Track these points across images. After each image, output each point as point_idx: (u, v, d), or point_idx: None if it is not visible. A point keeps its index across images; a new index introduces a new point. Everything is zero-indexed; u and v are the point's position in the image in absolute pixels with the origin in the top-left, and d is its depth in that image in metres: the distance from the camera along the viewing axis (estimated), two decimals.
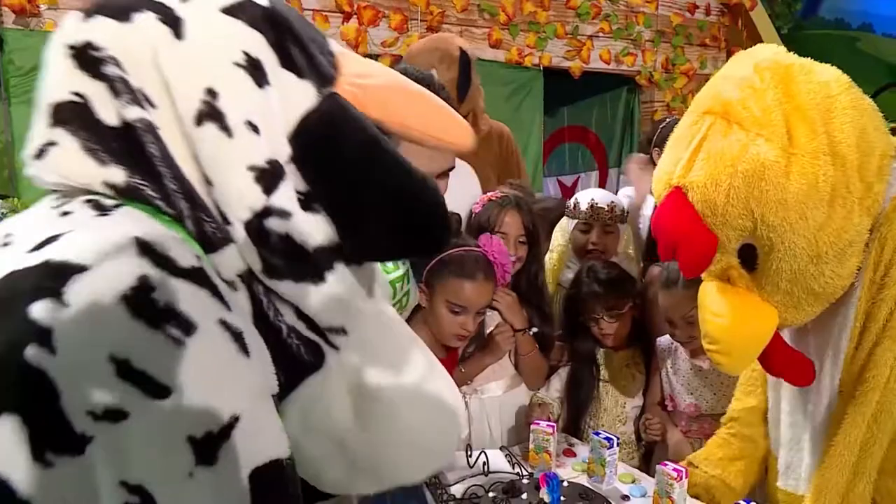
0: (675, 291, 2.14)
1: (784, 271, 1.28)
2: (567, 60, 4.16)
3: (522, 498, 1.54)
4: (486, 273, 1.93)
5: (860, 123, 1.28)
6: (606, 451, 1.89)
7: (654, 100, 4.54)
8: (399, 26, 3.59)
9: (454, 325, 1.92)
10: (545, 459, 1.95)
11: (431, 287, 1.92)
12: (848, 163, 1.24)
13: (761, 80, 1.27)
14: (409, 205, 0.83)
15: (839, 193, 1.24)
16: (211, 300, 0.67)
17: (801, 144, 1.22)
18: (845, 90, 1.29)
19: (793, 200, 1.21)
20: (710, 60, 4.70)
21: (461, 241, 2.00)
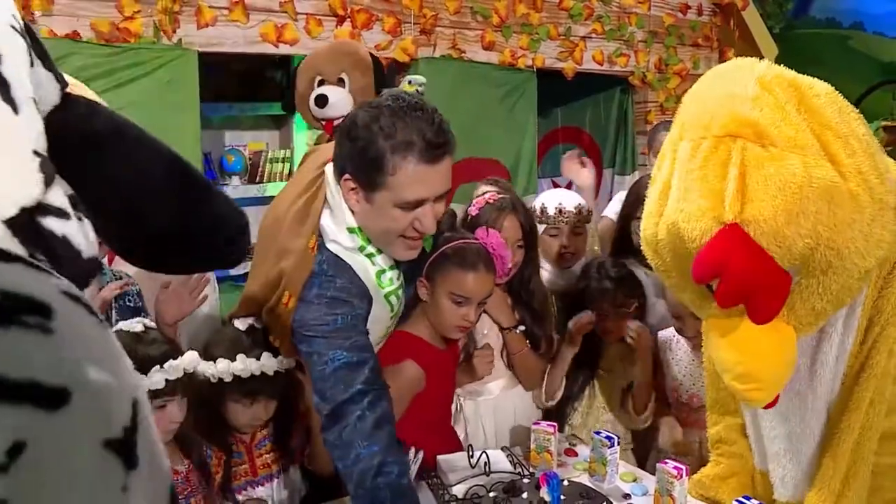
0: None
1: (829, 291, 1.23)
2: (560, 62, 4.19)
3: (523, 497, 1.58)
4: (487, 264, 1.97)
5: (866, 132, 1.29)
6: (608, 451, 1.93)
7: (648, 100, 4.58)
8: (392, 29, 3.61)
9: (456, 317, 1.96)
10: (546, 459, 1.99)
11: (433, 280, 1.96)
12: (880, 175, 1.23)
13: (777, 97, 1.23)
14: (185, 206, 0.74)
15: (884, 206, 1.22)
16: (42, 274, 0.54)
17: (845, 162, 1.19)
18: (845, 102, 1.31)
19: (857, 219, 1.18)
20: (703, 60, 4.74)
21: (459, 234, 2.03)
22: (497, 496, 1.57)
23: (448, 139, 1.62)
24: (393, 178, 1.58)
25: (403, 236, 1.69)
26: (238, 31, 3.24)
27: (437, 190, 1.63)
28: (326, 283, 1.69)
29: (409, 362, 1.95)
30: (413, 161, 1.56)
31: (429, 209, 1.64)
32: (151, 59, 3.02)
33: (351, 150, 1.62)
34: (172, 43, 3.08)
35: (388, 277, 1.79)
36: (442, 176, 1.62)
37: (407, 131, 1.55)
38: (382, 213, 1.64)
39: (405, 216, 1.64)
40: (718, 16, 4.74)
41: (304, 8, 3.35)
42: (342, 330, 1.65)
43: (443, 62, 3.80)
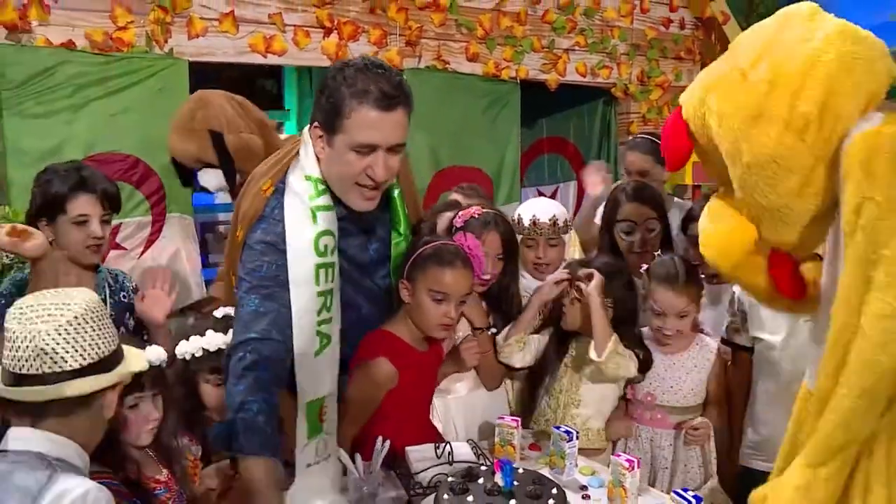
0: (676, 287, 2.36)
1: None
2: (543, 73, 4.34)
3: (479, 482, 1.70)
4: (465, 262, 2.11)
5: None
6: (566, 444, 2.06)
7: (630, 111, 4.73)
8: (378, 41, 3.76)
9: (438, 314, 2.09)
10: (510, 452, 2.12)
11: (413, 280, 2.09)
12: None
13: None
14: None
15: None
16: None
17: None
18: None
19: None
20: (686, 73, 4.89)
21: (437, 237, 2.18)
22: (454, 481, 1.70)
23: (403, 94, 1.79)
24: (349, 122, 1.76)
25: (359, 184, 1.85)
26: (228, 41, 3.38)
27: (389, 138, 1.79)
28: (269, 229, 1.88)
29: (381, 359, 2.08)
30: (367, 107, 1.74)
31: (380, 157, 1.80)
32: (143, 68, 3.17)
33: (319, 99, 1.83)
34: (164, 52, 3.22)
35: (325, 244, 1.89)
36: (394, 125, 1.78)
37: (366, 82, 1.75)
38: (340, 157, 1.82)
39: (360, 161, 1.80)
40: (700, 29, 4.89)
41: (292, 20, 3.49)
42: (264, 279, 1.83)
43: (427, 73, 3.95)
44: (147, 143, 3.20)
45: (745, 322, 2.47)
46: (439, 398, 2.39)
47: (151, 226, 3.28)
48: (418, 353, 2.16)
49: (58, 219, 2.17)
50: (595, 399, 2.40)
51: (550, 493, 1.67)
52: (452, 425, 2.39)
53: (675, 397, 2.42)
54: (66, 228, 2.17)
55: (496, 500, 1.62)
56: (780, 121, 1.40)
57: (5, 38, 2.91)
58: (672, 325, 2.40)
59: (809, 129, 1.40)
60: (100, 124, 3.09)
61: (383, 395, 2.10)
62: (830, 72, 1.39)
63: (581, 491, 2.00)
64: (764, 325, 2.44)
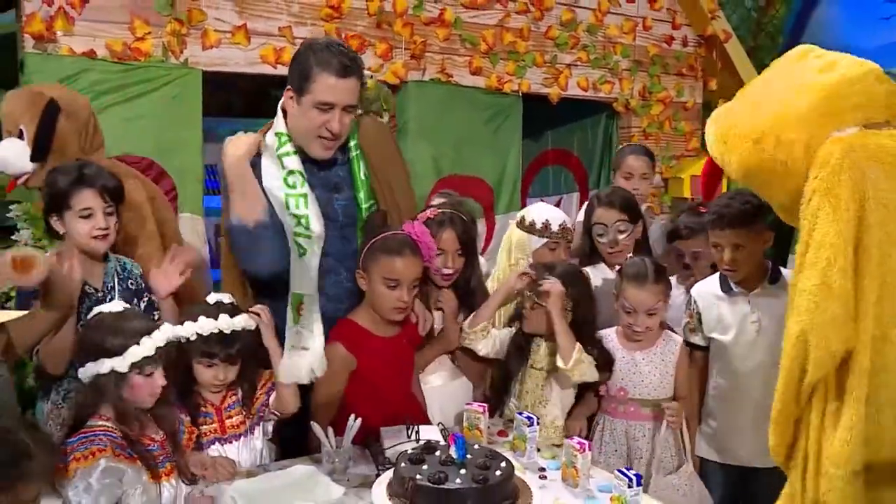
0: (646, 286, 2.54)
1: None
2: (545, 87, 4.52)
3: (436, 455, 1.88)
4: (413, 249, 2.33)
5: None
6: (527, 429, 2.23)
7: (632, 125, 4.89)
8: (384, 54, 3.97)
9: (391, 299, 2.31)
10: (476, 436, 2.29)
11: (368, 269, 2.32)
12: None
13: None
14: None
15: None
16: None
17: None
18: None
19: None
20: (687, 89, 5.05)
21: (386, 229, 2.39)
22: (413, 453, 1.88)
23: (356, 66, 2.31)
24: (314, 85, 2.26)
25: (319, 136, 2.31)
26: (240, 52, 3.62)
27: (344, 99, 2.28)
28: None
29: (335, 344, 2.31)
30: (328, 74, 2.24)
31: (337, 114, 2.28)
32: (159, 77, 3.41)
33: (292, 67, 2.34)
34: (179, 62, 3.47)
35: (293, 181, 2.32)
36: (348, 90, 2.28)
37: (329, 55, 2.26)
38: (305, 113, 2.30)
39: (320, 117, 2.28)
40: (703, 47, 5.04)
41: (300, 33, 3.71)
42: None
43: (431, 85, 4.15)
44: (161, 146, 3.43)
45: (700, 323, 2.64)
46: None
47: None
48: (380, 339, 2.36)
49: (65, 213, 2.36)
50: (559, 398, 2.56)
51: (499, 465, 1.84)
52: (429, 413, 2.58)
53: (646, 390, 2.59)
54: (73, 222, 2.35)
55: (448, 469, 1.80)
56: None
57: (32, 47, 3.17)
58: (642, 323, 2.57)
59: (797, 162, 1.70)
60: (117, 128, 3.30)
61: (344, 377, 2.30)
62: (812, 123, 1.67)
63: (539, 472, 2.17)
64: (715, 326, 2.61)
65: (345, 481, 2.03)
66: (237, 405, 2.27)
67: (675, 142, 5.00)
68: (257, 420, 2.29)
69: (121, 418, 1.91)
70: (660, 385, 2.59)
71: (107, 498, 1.79)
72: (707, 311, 2.64)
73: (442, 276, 2.60)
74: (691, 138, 5.06)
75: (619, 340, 2.66)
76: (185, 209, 3.53)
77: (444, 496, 1.72)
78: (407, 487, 1.74)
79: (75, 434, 1.87)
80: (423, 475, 1.77)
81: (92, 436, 1.85)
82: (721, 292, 2.63)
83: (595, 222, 2.95)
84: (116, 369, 1.88)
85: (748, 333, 2.55)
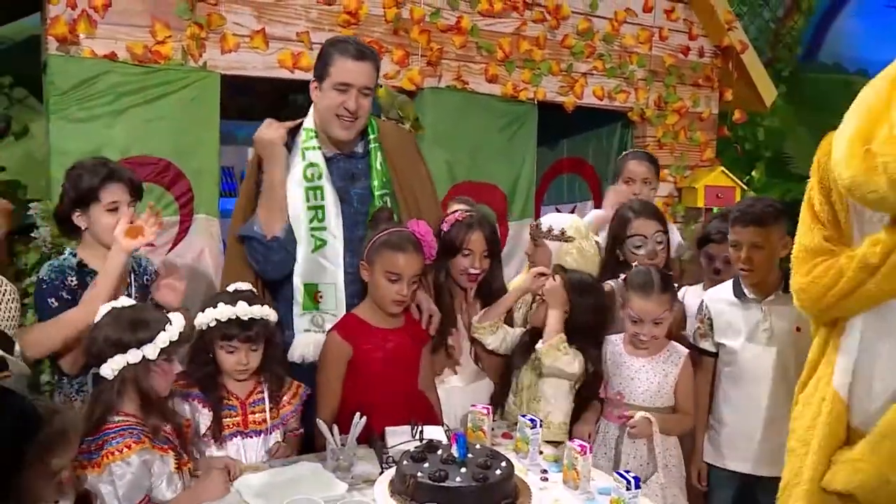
0: (652, 296, 2.57)
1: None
2: (561, 95, 4.56)
3: (437, 453, 1.92)
4: (415, 246, 2.43)
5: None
6: (530, 431, 2.26)
7: (647, 135, 4.91)
8: (401, 60, 4.03)
9: (392, 292, 2.40)
10: (480, 437, 2.33)
11: (372, 262, 2.40)
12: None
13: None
14: None
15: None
16: None
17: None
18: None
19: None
20: (703, 99, 5.06)
21: (392, 225, 2.50)
22: (415, 451, 1.92)
23: (371, 53, 2.59)
24: (333, 68, 2.52)
25: (338, 116, 2.53)
26: (258, 56, 3.69)
27: (360, 80, 2.52)
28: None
29: (331, 333, 2.43)
30: (344, 58, 2.51)
31: (353, 94, 2.51)
32: (178, 79, 3.49)
33: (317, 63, 2.60)
34: (198, 65, 3.54)
35: (311, 173, 2.58)
36: (364, 72, 2.53)
37: (345, 44, 2.56)
38: (325, 95, 2.54)
39: (339, 96, 2.52)
40: (719, 58, 5.06)
41: (318, 38, 3.77)
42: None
43: (447, 92, 4.21)
44: (179, 148, 3.51)
45: (711, 328, 2.66)
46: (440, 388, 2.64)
47: (179, 225, 3.57)
48: (380, 330, 2.43)
49: (91, 208, 2.45)
50: (552, 394, 2.60)
51: (499, 465, 1.88)
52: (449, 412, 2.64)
53: (643, 397, 2.61)
54: (98, 216, 2.45)
55: (449, 468, 1.84)
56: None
57: (56, 49, 3.26)
58: (648, 332, 2.59)
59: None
60: (136, 129, 3.41)
61: (341, 365, 2.38)
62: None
63: (542, 474, 2.20)
64: (726, 331, 2.63)
65: (349, 478, 2.07)
66: (262, 402, 2.33)
67: (689, 152, 5.02)
68: (279, 423, 2.35)
69: (146, 408, 1.97)
70: (657, 394, 2.61)
71: (140, 489, 1.86)
72: (719, 316, 2.66)
73: (468, 277, 2.69)
74: (706, 148, 5.08)
75: (624, 346, 2.69)
76: (200, 210, 3.61)
77: (444, 494, 1.76)
78: (408, 485, 1.78)
79: (100, 430, 1.90)
80: (423, 473, 1.81)
81: (123, 430, 1.91)
82: (734, 298, 2.66)
83: (632, 234, 2.95)
84: (147, 356, 1.95)
85: (759, 340, 2.57)
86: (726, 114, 5.14)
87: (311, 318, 2.59)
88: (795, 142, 5.93)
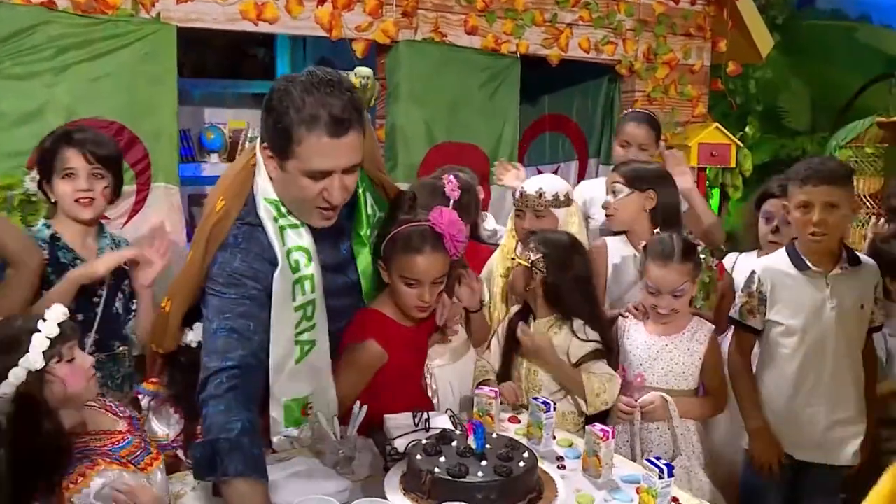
0: (671, 266, 2.48)
1: None
2: (545, 48, 4.44)
3: (452, 445, 1.83)
4: (434, 245, 2.19)
5: None
6: (543, 415, 2.18)
7: (636, 90, 4.82)
8: (373, 11, 3.86)
9: (412, 298, 2.21)
10: (488, 422, 2.24)
11: (388, 263, 2.22)
12: None
13: None
14: None
15: None
16: None
17: None
18: None
19: None
20: (695, 50, 4.98)
21: (412, 216, 2.28)
22: (428, 443, 1.82)
23: (355, 114, 1.85)
24: (300, 149, 1.83)
25: (317, 206, 1.94)
26: (217, 7, 3.50)
27: (343, 163, 1.87)
28: (229, 259, 1.97)
29: (370, 342, 2.21)
30: (318, 134, 1.80)
31: (336, 181, 1.88)
32: (129, 32, 3.29)
33: (267, 120, 1.89)
34: (151, 17, 3.34)
35: (296, 259, 2.00)
36: (347, 150, 1.86)
37: (315, 106, 1.80)
38: (294, 182, 1.90)
39: (314, 185, 1.89)
40: (712, 5, 4.97)
41: None
42: (231, 306, 1.93)
43: (424, 45, 4.06)
44: (132, 109, 3.32)
45: (763, 304, 2.57)
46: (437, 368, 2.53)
47: (136, 195, 3.39)
48: (406, 329, 2.28)
49: (53, 177, 2.40)
50: (553, 382, 2.54)
51: (522, 456, 1.79)
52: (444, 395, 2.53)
53: (666, 379, 2.53)
54: (57, 183, 2.39)
55: (468, 461, 1.74)
56: None
57: None
58: (667, 304, 2.51)
59: None
60: (82, 88, 3.20)
61: (372, 373, 2.24)
62: None
63: (557, 461, 2.13)
64: (785, 307, 2.53)
65: (350, 474, 1.97)
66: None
67: (681, 107, 4.95)
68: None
69: (73, 426, 1.74)
70: (681, 376, 2.54)
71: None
72: (777, 290, 2.55)
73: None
74: (698, 103, 5.01)
75: (643, 327, 2.61)
76: (158, 179, 3.44)
77: (465, 490, 1.66)
78: (424, 482, 1.69)
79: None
80: (441, 468, 1.71)
81: (77, 452, 1.72)
82: (794, 270, 2.53)
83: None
84: (32, 368, 1.64)
85: (825, 318, 2.47)
86: (719, 66, 5.07)
87: (299, 433, 2.12)
88: (790, 94, 5.90)
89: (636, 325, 2.64)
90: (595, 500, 1.92)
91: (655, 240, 2.57)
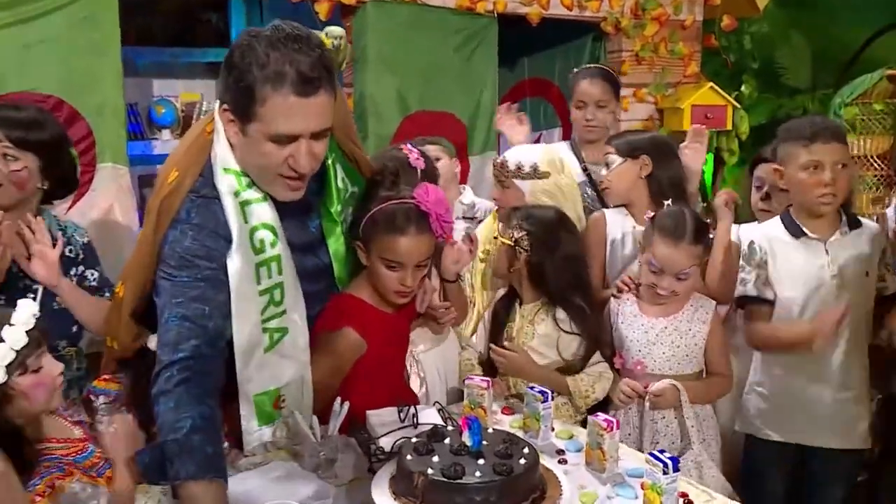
0: (681, 246, 2.41)
1: None
2: (524, 6, 4.35)
3: (445, 443, 1.77)
4: (419, 226, 2.13)
5: None
6: (541, 406, 2.13)
7: (622, 49, 4.74)
8: None
9: (393, 282, 2.15)
10: (480, 415, 2.18)
11: (367, 243, 2.14)
12: None
13: None
14: None
15: None
16: None
17: None
18: None
19: None
20: (686, 4, 4.89)
21: (394, 193, 2.20)
22: (418, 441, 1.76)
23: (325, 72, 1.77)
24: (264, 110, 1.75)
25: (281, 175, 1.86)
26: None
27: (311, 126, 1.79)
28: (179, 237, 1.89)
29: (346, 330, 2.15)
30: (283, 93, 1.72)
31: (303, 146, 1.80)
32: None
33: (227, 79, 1.79)
34: None
35: (260, 238, 1.93)
36: (316, 111, 1.77)
37: (280, 62, 1.71)
38: (256, 147, 1.82)
39: (279, 151, 1.80)
40: None
41: None
42: (184, 291, 1.85)
43: (394, 6, 3.96)
44: (71, 81, 3.19)
45: (766, 272, 2.55)
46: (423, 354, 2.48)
47: (80, 177, 3.27)
48: (386, 315, 2.23)
49: None
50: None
51: (521, 453, 1.73)
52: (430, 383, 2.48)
53: (668, 364, 2.49)
54: None
55: (463, 460, 1.68)
56: None
57: None
58: (667, 285, 2.45)
59: None
60: (12, 57, 3.05)
61: (351, 364, 2.18)
62: None
63: (558, 455, 2.08)
64: (783, 279, 2.51)
65: (332, 478, 1.91)
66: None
67: (672, 67, 4.87)
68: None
69: (36, 439, 1.69)
70: (685, 358, 2.49)
71: None
72: (776, 259, 2.52)
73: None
74: (690, 62, 4.94)
75: (638, 304, 2.56)
76: (105, 158, 3.33)
77: (463, 492, 1.60)
78: (417, 484, 1.62)
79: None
80: (434, 469, 1.64)
81: (46, 460, 1.68)
82: (790, 237, 2.51)
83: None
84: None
85: (826, 288, 2.45)
86: (712, 22, 5.01)
87: (272, 431, 2.05)
88: (789, 50, 5.83)
89: (630, 306, 2.58)
90: (599, 497, 1.87)
91: (666, 213, 2.50)
